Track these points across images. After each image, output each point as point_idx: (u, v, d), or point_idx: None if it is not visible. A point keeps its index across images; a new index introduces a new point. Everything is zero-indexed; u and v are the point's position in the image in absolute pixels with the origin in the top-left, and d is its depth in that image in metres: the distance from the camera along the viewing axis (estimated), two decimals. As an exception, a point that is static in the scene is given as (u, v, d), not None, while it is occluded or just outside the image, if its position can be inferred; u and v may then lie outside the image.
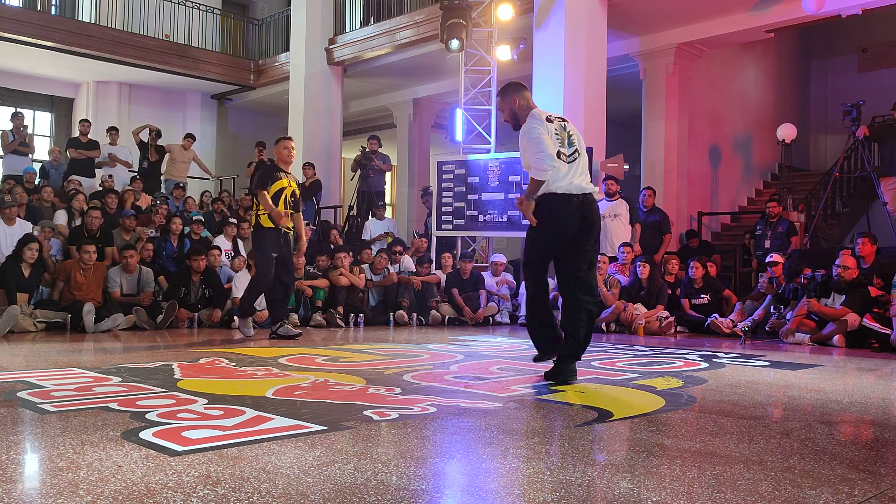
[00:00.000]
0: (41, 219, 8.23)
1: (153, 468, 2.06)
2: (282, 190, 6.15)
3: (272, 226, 6.03)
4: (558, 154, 3.87)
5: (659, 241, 8.81)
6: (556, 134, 3.93)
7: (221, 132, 16.14)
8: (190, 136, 11.75)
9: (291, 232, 6.26)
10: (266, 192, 6.05)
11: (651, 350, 5.74)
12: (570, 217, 3.88)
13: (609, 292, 7.72)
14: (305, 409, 3.01)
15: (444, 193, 9.61)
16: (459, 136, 9.95)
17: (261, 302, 7.48)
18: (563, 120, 4.04)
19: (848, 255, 6.57)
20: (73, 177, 10.12)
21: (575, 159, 3.94)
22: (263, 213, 6.03)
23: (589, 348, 5.75)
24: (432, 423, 2.77)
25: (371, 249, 9.18)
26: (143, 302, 7.07)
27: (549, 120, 3.97)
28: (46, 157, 11.24)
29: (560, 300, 4.09)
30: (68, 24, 12.68)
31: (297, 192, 6.34)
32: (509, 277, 8.86)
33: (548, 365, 4.05)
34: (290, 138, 6.46)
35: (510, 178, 9.13)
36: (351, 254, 8.56)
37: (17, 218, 7.57)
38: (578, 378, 3.99)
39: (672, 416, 3.05)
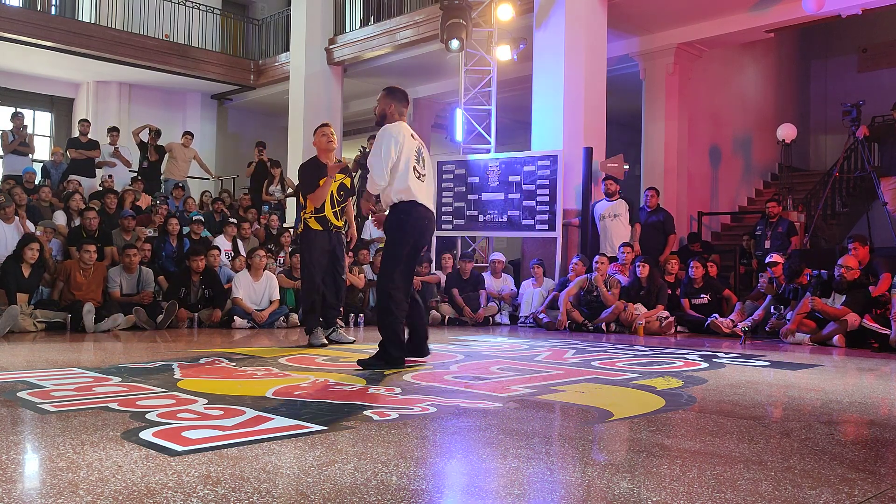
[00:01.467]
0: (40, 219, 8.24)
1: (153, 468, 2.06)
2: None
3: (321, 228, 5.58)
4: (414, 169, 4.36)
5: (663, 242, 8.80)
6: (415, 152, 4.39)
7: (221, 132, 16.15)
8: (188, 134, 11.77)
9: (343, 228, 5.79)
10: (314, 195, 5.52)
11: (651, 350, 5.74)
12: (425, 226, 4.43)
13: (609, 292, 7.72)
14: (305, 409, 3.00)
15: (444, 193, 9.61)
16: (459, 136, 9.95)
17: (262, 302, 7.50)
18: (420, 144, 4.49)
19: (852, 255, 6.58)
20: (73, 177, 10.12)
21: (424, 180, 4.44)
22: (311, 216, 5.57)
23: (589, 348, 5.78)
24: (432, 423, 2.77)
25: (369, 251, 9.19)
26: (143, 301, 7.07)
27: (413, 137, 4.42)
28: (47, 157, 11.23)
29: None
30: (68, 24, 12.68)
31: (347, 182, 5.78)
32: (511, 284, 8.86)
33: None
34: (327, 124, 5.82)
35: (510, 178, 9.13)
36: (351, 254, 8.55)
37: (17, 217, 7.57)
38: (579, 378, 3.99)
39: (672, 416, 3.05)
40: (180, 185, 10.91)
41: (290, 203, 11.66)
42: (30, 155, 10.78)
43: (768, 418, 3.12)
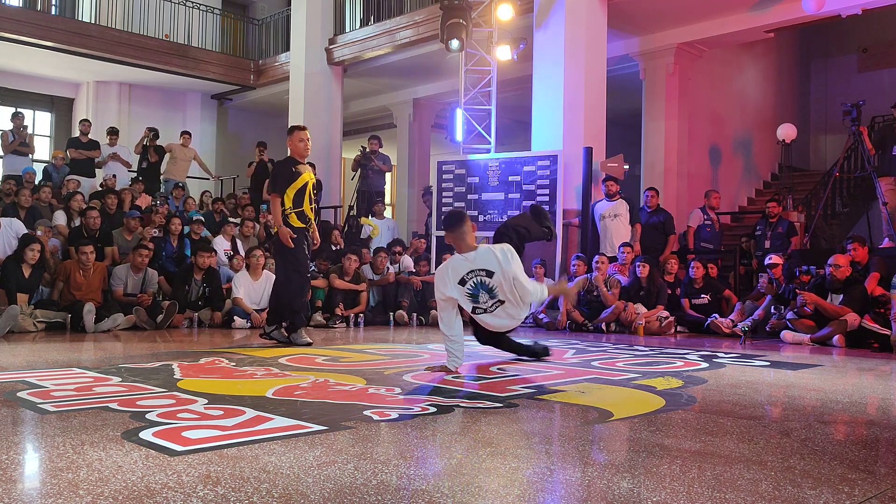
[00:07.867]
0: (40, 219, 8.23)
1: (153, 468, 2.06)
2: (305, 185, 5.51)
3: (302, 225, 5.52)
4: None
5: (663, 242, 8.80)
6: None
7: (221, 132, 16.14)
8: (186, 133, 11.77)
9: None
10: (282, 197, 5.42)
11: (651, 350, 5.74)
12: None
13: (609, 292, 7.72)
14: (305, 409, 3.00)
15: (444, 193, 9.61)
16: (459, 136, 9.94)
17: (261, 301, 7.49)
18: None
19: (842, 254, 6.59)
20: (71, 176, 10.08)
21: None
22: (291, 212, 5.46)
23: (589, 348, 5.77)
24: (432, 423, 2.77)
25: (369, 250, 9.19)
26: (143, 302, 7.07)
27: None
28: (47, 158, 11.21)
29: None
30: (68, 24, 12.68)
31: (319, 183, 5.92)
32: None
33: None
34: (304, 128, 5.66)
35: (510, 178, 9.13)
36: (357, 258, 8.50)
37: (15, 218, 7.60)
38: (579, 378, 3.99)
39: (672, 416, 3.05)
40: (180, 185, 10.90)
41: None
42: (30, 155, 10.77)
43: (768, 418, 3.12)
